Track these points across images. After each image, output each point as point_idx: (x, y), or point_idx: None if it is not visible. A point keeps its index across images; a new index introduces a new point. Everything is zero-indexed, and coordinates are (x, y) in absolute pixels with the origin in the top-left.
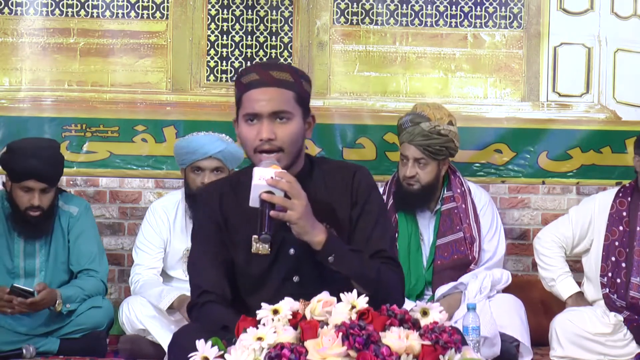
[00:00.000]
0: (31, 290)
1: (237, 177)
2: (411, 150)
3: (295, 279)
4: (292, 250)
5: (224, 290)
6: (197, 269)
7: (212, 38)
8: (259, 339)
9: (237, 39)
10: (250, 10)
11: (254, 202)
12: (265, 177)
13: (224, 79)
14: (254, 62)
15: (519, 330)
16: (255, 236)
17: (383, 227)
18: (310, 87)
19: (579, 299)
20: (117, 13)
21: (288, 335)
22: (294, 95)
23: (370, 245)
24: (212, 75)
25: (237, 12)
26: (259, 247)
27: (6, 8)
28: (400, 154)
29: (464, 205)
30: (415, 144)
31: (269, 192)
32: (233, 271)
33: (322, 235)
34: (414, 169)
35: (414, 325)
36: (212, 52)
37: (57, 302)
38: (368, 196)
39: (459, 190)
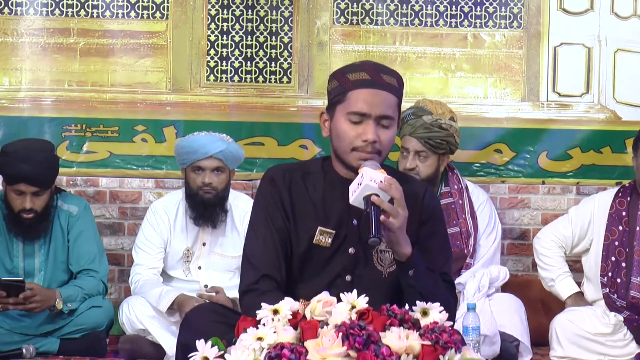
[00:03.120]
0: (20, 278)
1: (307, 168)
2: (412, 142)
3: (348, 278)
4: (351, 250)
5: (282, 277)
6: (258, 251)
7: (212, 38)
8: (259, 339)
9: (237, 39)
10: (250, 10)
11: (356, 200)
12: (376, 179)
13: (224, 79)
14: (360, 62)
15: (519, 330)
16: (320, 227)
17: (448, 251)
18: None
19: (579, 299)
20: (117, 13)
21: (288, 335)
22: (397, 101)
23: (435, 267)
24: (212, 75)
25: (237, 12)
26: (321, 239)
27: (6, 8)
28: (400, 147)
29: (460, 201)
30: (417, 136)
31: (376, 195)
32: (290, 258)
33: (409, 249)
34: (414, 161)
35: (414, 325)
36: (212, 52)
37: (57, 300)
38: (438, 218)
39: (456, 187)
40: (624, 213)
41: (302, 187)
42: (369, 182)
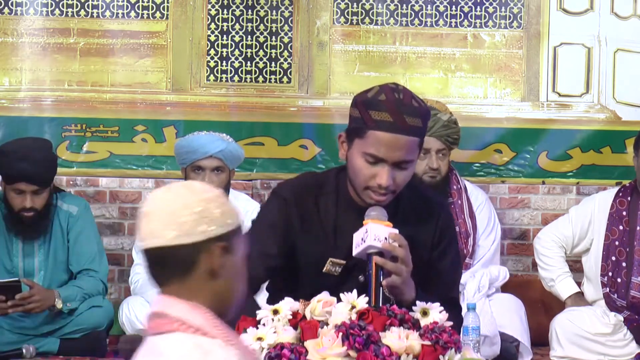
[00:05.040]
0: (15, 279)
1: (320, 187)
2: (431, 142)
3: None
4: (361, 278)
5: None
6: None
7: (212, 38)
8: (259, 339)
9: (237, 39)
10: (250, 10)
11: (360, 254)
12: (380, 237)
13: (224, 79)
14: (384, 95)
15: (519, 330)
16: (331, 259)
17: (457, 272)
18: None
19: (578, 299)
20: (117, 13)
21: (288, 335)
22: (419, 141)
23: (444, 290)
24: (212, 75)
25: (237, 12)
26: (330, 268)
27: (6, 8)
28: None
29: (459, 201)
30: (437, 135)
31: (380, 253)
32: (296, 279)
33: (413, 294)
34: (437, 161)
35: (414, 325)
36: (212, 52)
37: (56, 300)
38: (451, 238)
39: (455, 187)
40: (624, 213)
41: (314, 211)
42: (372, 241)
